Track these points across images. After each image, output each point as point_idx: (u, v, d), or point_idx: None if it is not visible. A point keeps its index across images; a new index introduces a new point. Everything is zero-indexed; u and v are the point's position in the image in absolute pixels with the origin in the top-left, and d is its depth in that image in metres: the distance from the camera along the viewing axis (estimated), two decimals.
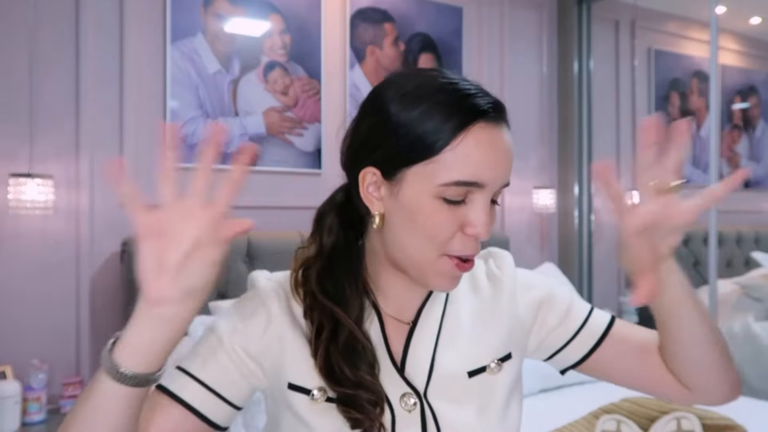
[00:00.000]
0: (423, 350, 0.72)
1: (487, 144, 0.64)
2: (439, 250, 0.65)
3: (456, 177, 0.63)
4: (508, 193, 3.09)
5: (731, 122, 3.90)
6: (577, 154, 3.33)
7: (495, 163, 0.64)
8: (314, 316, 0.69)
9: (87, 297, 2.13)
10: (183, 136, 2.28)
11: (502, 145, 0.66)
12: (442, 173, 0.63)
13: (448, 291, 0.74)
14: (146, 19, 2.23)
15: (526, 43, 3.25)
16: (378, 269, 0.73)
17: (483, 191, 0.64)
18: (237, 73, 2.39)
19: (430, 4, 2.88)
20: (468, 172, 0.63)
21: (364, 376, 0.66)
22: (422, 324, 0.74)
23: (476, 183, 0.63)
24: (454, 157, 0.63)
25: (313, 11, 2.56)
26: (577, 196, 3.33)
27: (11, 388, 1.80)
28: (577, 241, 3.33)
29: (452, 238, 0.65)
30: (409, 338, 0.73)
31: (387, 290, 0.74)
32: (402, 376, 0.70)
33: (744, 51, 3.95)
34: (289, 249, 0.77)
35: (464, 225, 0.65)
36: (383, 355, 0.71)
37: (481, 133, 0.64)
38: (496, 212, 0.69)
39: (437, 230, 0.64)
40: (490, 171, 0.64)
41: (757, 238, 3.71)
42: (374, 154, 0.67)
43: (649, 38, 3.61)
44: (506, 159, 0.66)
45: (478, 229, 0.64)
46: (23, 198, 1.91)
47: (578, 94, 3.33)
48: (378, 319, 0.73)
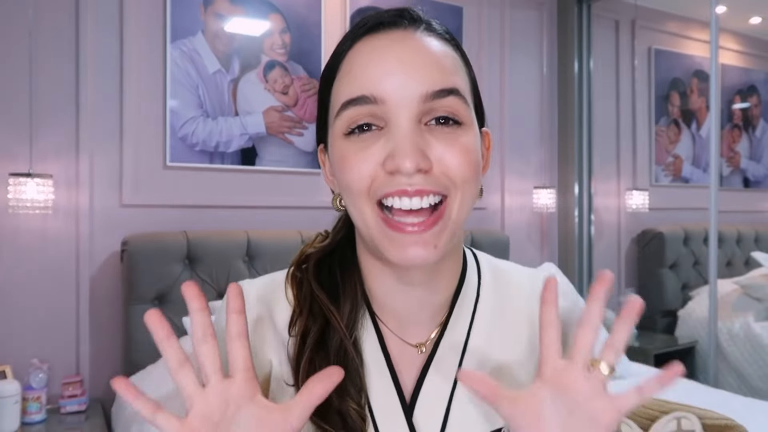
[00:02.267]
0: (442, 392, 0.58)
1: (376, 51, 0.52)
2: (369, 202, 0.52)
3: (343, 98, 0.52)
4: (508, 193, 3.10)
5: (731, 122, 3.90)
6: (577, 154, 3.33)
7: (390, 69, 0.50)
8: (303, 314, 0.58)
9: (87, 297, 2.12)
10: (183, 135, 2.28)
11: (404, 47, 0.52)
12: (336, 104, 0.53)
13: (409, 264, 0.52)
14: (146, 19, 2.23)
15: (526, 43, 3.25)
16: (368, 266, 0.61)
17: (392, 110, 0.50)
18: (237, 73, 2.39)
19: (430, 3, 2.87)
20: (354, 88, 0.51)
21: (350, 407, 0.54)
22: (442, 356, 0.59)
23: (366, 97, 0.50)
24: (340, 81, 0.53)
25: (313, 10, 2.56)
26: (577, 196, 3.33)
27: (11, 388, 1.80)
28: (577, 241, 3.33)
29: (374, 181, 0.51)
30: (425, 371, 0.58)
31: (376, 291, 0.61)
32: (409, 420, 0.57)
33: (744, 51, 3.95)
34: (289, 249, 0.76)
35: (384, 160, 0.50)
36: (385, 382, 0.58)
37: (369, 44, 0.53)
38: (464, 142, 0.52)
39: (351, 174, 0.51)
40: (384, 79, 0.50)
41: (757, 238, 3.71)
42: (318, 131, 0.60)
43: (650, 38, 3.61)
44: (413, 61, 0.51)
45: (395, 160, 0.49)
46: (23, 197, 1.91)
47: (578, 94, 3.33)
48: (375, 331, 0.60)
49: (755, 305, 3.05)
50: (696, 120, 3.77)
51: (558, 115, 3.36)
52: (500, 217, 3.10)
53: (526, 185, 3.19)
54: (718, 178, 2.77)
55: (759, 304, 3.06)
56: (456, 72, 0.53)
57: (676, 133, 3.70)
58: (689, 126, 3.75)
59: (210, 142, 2.32)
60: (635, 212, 3.37)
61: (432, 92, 0.50)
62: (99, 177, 2.16)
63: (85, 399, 1.97)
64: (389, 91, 0.50)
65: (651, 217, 3.47)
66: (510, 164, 3.12)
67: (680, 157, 3.70)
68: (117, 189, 2.18)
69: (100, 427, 1.84)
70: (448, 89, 0.51)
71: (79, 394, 1.96)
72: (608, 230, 3.49)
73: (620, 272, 3.52)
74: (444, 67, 0.52)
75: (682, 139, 3.71)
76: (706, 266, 2.91)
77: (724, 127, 3.84)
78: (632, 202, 3.31)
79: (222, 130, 2.35)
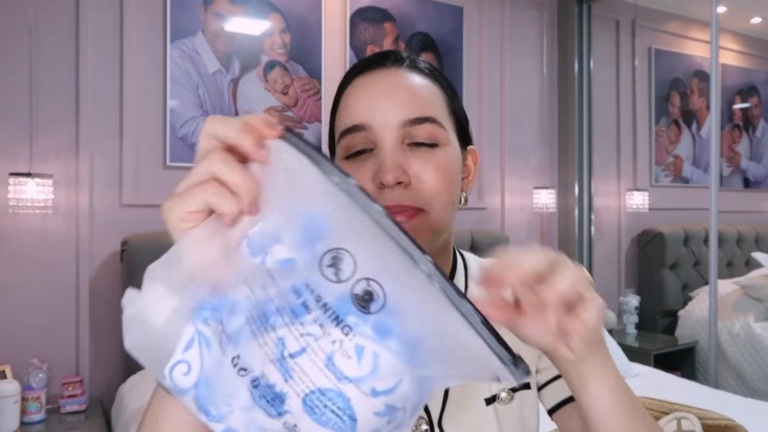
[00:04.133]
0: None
1: (364, 88, 0.62)
2: None
3: (341, 128, 0.62)
4: (508, 193, 3.10)
5: (732, 122, 3.90)
6: (577, 154, 3.33)
7: (375, 101, 0.60)
8: None
9: (87, 296, 2.12)
10: (183, 135, 2.28)
11: (385, 83, 0.61)
12: (337, 133, 0.64)
13: None
14: (146, 18, 2.23)
15: (526, 43, 3.25)
16: None
17: (378, 134, 0.59)
18: (237, 73, 2.39)
19: (431, 3, 2.87)
20: (347, 120, 0.61)
21: None
22: None
23: (357, 126, 0.60)
24: (339, 114, 0.64)
25: (313, 10, 2.56)
26: (577, 196, 3.33)
27: (11, 388, 1.80)
28: (577, 241, 3.33)
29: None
30: None
31: None
32: None
33: (744, 51, 3.95)
34: None
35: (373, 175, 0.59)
36: None
37: (360, 82, 0.63)
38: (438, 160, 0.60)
39: None
40: (371, 110, 0.60)
41: (757, 238, 3.71)
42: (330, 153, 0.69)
43: (650, 38, 3.61)
44: (394, 94, 0.60)
45: (380, 174, 0.57)
46: (23, 197, 1.91)
47: (578, 94, 3.33)
48: None
49: (755, 305, 3.05)
50: (696, 120, 3.77)
51: (558, 115, 3.36)
52: (500, 217, 3.10)
53: (526, 185, 3.19)
54: (718, 179, 2.77)
55: (759, 304, 3.06)
56: (433, 102, 0.62)
57: (677, 134, 3.70)
58: (689, 126, 3.75)
59: None
60: (635, 212, 3.37)
61: (410, 119, 0.59)
62: (99, 177, 2.16)
63: (84, 399, 1.97)
64: (375, 119, 0.59)
65: (651, 217, 3.47)
66: (510, 164, 3.12)
67: (680, 157, 3.70)
68: (117, 189, 2.18)
69: (100, 427, 1.84)
70: (424, 117, 0.60)
71: (79, 394, 1.96)
72: (608, 230, 3.49)
73: (620, 272, 3.52)
74: (421, 97, 0.61)
75: (682, 140, 3.71)
76: (707, 266, 2.91)
77: (724, 127, 3.84)
78: (632, 203, 3.31)
79: None
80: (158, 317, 0.36)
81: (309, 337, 0.34)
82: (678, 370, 3.06)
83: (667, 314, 3.40)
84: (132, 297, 0.36)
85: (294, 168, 0.35)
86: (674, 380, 2.38)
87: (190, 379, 0.35)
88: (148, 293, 0.36)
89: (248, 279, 0.35)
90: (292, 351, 0.34)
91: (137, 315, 0.36)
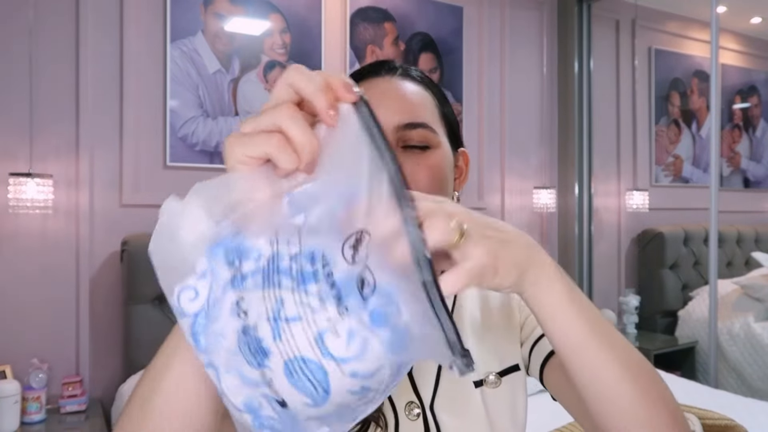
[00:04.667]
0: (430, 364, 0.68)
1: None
2: None
3: None
4: (508, 193, 3.10)
5: (732, 122, 3.90)
6: (577, 154, 3.33)
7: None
8: None
9: (87, 297, 2.12)
10: (183, 135, 2.28)
11: (380, 91, 0.65)
12: None
13: None
14: (146, 18, 2.23)
15: (526, 43, 3.25)
16: None
17: None
18: (237, 73, 2.39)
19: (431, 3, 2.87)
20: None
21: None
22: None
23: None
24: None
25: (313, 10, 2.56)
26: (577, 196, 3.33)
27: (11, 388, 1.80)
28: (577, 241, 3.33)
29: None
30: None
31: None
32: (411, 380, 0.67)
33: (744, 51, 3.95)
34: None
35: None
36: None
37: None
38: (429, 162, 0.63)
39: None
40: None
41: (757, 238, 3.71)
42: None
43: (650, 38, 3.61)
44: (389, 102, 0.63)
45: None
46: (23, 197, 1.91)
47: (578, 94, 3.33)
48: None
49: (755, 305, 3.05)
50: (696, 120, 3.77)
51: (558, 115, 3.36)
52: (500, 217, 3.10)
53: (526, 185, 3.19)
54: (718, 179, 2.77)
55: (759, 304, 3.06)
56: (425, 108, 0.66)
57: (677, 133, 3.70)
58: (689, 126, 3.75)
59: (210, 142, 2.32)
60: (635, 212, 3.37)
61: (403, 124, 0.62)
62: (99, 177, 2.16)
63: (84, 399, 1.97)
64: None
65: (651, 217, 3.47)
66: (510, 164, 3.12)
67: (680, 157, 3.70)
68: (117, 189, 2.18)
69: (100, 427, 1.84)
70: (416, 123, 0.63)
71: (79, 394, 1.96)
72: (608, 230, 3.49)
73: (620, 272, 3.52)
74: (414, 104, 0.64)
75: (682, 140, 3.71)
76: (707, 266, 2.91)
77: (724, 127, 3.84)
78: (632, 202, 3.31)
79: (222, 130, 2.35)
80: (187, 236, 0.37)
81: (307, 308, 0.35)
82: (678, 370, 3.06)
83: (667, 314, 3.40)
84: (172, 206, 0.38)
85: (353, 141, 0.36)
86: (674, 380, 2.38)
87: (194, 307, 0.37)
88: (188, 209, 0.37)
89: (278, 231, 0.36)
90: (289, 315, 0.35)
91: (170, 225, 0.37)
